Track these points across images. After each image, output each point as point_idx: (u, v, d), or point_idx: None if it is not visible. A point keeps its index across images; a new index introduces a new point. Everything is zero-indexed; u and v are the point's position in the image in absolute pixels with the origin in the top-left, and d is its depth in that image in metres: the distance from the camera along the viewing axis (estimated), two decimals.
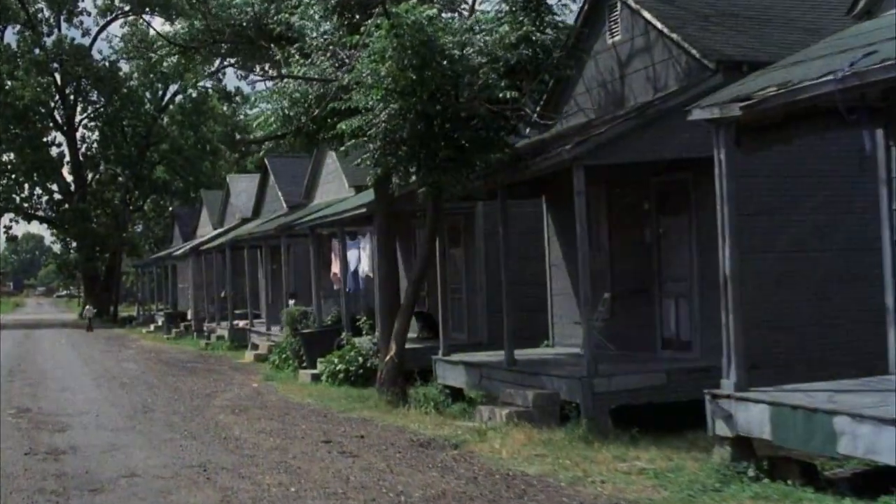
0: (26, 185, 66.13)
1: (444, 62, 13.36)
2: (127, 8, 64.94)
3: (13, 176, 65.12)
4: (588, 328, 13.18)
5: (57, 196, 66.80)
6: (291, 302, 25.13)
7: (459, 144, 14.02)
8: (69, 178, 66.68)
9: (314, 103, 15.17)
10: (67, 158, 66.83)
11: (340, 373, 19.30)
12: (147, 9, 62.53)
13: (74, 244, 66.69)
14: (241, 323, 34.11)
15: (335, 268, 24.00)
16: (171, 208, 66.97)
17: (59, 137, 67.01)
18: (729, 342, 10.14)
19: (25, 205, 66.79)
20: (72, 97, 65.48)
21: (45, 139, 65.08)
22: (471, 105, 13.69)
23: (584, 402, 12.78)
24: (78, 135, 67.06)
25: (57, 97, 65.02)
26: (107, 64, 64.12)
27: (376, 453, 11.61)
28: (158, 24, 70.22)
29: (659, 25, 14.49)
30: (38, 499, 9.56)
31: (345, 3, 15.21)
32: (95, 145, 68.12)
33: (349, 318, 22.65)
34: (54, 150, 66.63)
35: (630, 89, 15.49)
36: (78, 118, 66.87)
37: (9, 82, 60.58)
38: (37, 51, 61.86)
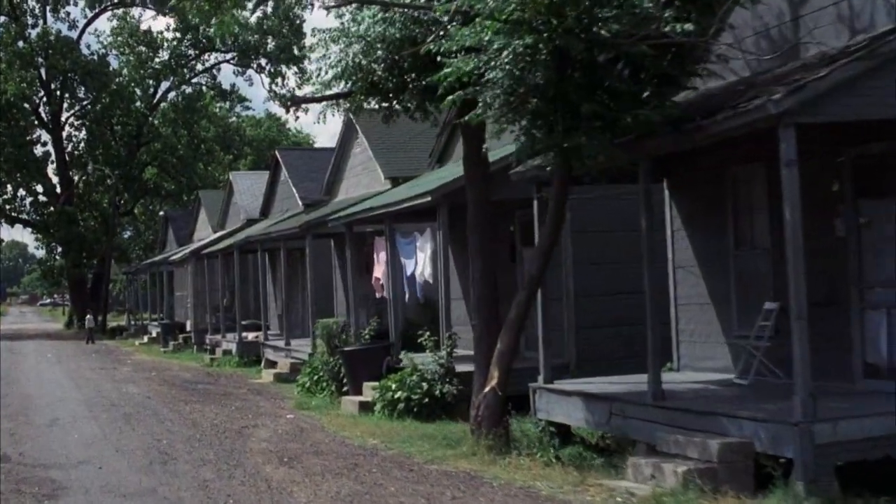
0: (9, 186, 62.97)
1: None
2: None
3: None
4: (801, 351, 9.36)
5: (42, 198, 63.51)
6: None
7: (602, 99, 10.20)
8: (55, 179, 63.00)
9: (394, 48, 11.31)
10: (53, 158, 63.35)
11: (400, 402, 15.42)
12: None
13: (60, 249, 62.91)
14: (252, 335, 30.42)
15: (377, 272, 20.11)
16: (161, 212, 63.02)
17: (45, 136, 63.56)
18: None
19: (8, 207, 63.33)
20: (58, 93, 61.88)
21: (29, 137, 61.49)
22: (623, 43, 9.86)
23: (800, 456, 8.98)
24: (64, 133, 63.72)
25: (42, 92, 61.52)
26: (95, 58, 60.31)
27: None
28: (148, 18, 66.50)
29: None
30: None
31: None
32: (83, 144, 64.86)
33: (399, 332, 18.74)
34: (39, 149, 63.33)
35: (809, 34, 11.72)
36: (64, 115, 63.54)
37: None
38: (21, 43, 57.95)
